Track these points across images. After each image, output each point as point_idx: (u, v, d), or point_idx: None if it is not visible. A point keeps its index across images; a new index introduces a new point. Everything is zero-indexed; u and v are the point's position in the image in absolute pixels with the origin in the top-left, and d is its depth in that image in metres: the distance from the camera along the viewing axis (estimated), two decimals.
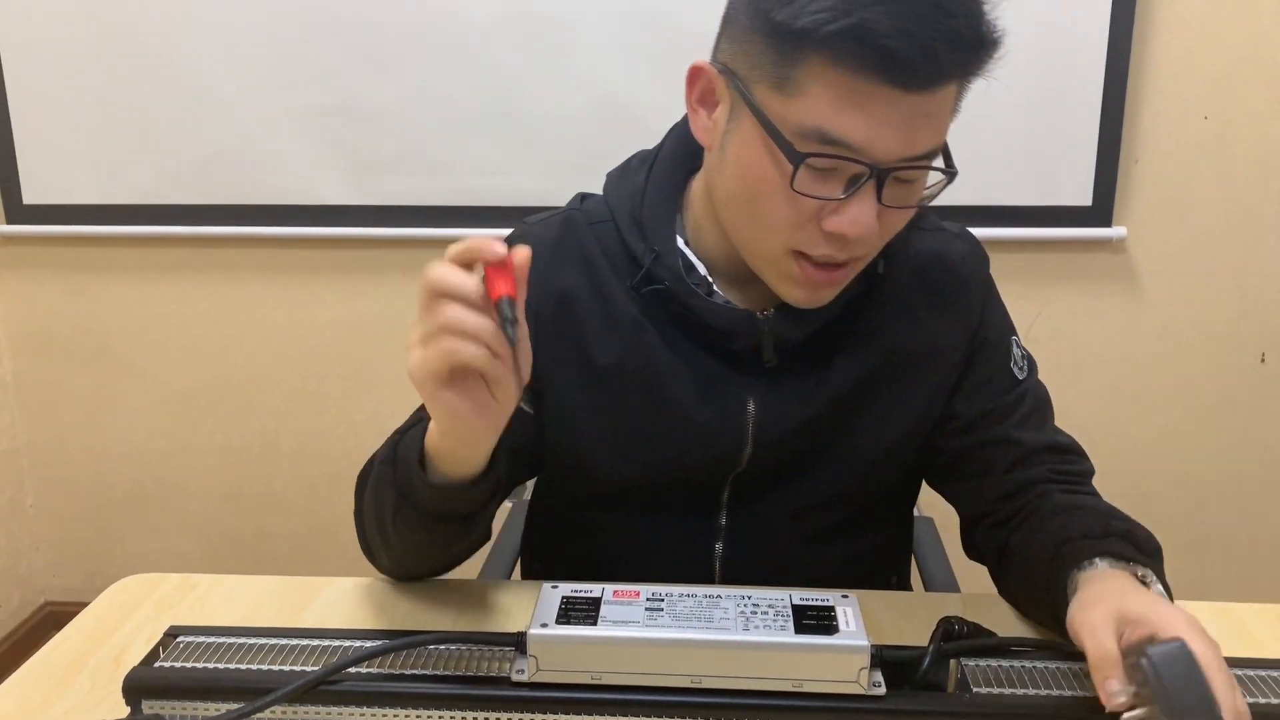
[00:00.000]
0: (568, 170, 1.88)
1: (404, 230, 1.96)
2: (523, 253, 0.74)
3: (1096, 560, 0.82)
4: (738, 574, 1.03)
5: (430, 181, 1.93)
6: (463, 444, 0.81)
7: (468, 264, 0.75)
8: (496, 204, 1.92)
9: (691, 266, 0.95)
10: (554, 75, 1.85)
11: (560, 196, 1.06)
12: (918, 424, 1.00)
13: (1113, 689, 0.69)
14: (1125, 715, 0.69)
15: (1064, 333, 1.94)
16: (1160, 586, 0.81)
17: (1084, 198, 1.87)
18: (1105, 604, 0.74)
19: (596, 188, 1.04)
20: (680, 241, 0.95)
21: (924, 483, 1.10)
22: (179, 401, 2.15)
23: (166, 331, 2.11)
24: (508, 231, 1.00)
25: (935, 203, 0.89)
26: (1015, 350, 1.01)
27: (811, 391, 0.96)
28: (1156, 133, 1.86)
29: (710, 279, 0.95)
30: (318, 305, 2.06)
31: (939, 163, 0.82)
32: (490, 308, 0.73)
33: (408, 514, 0.86)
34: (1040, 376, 1.04)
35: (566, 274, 0.97)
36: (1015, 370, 1.00)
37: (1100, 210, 1.87)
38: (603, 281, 0.97)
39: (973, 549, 1.04)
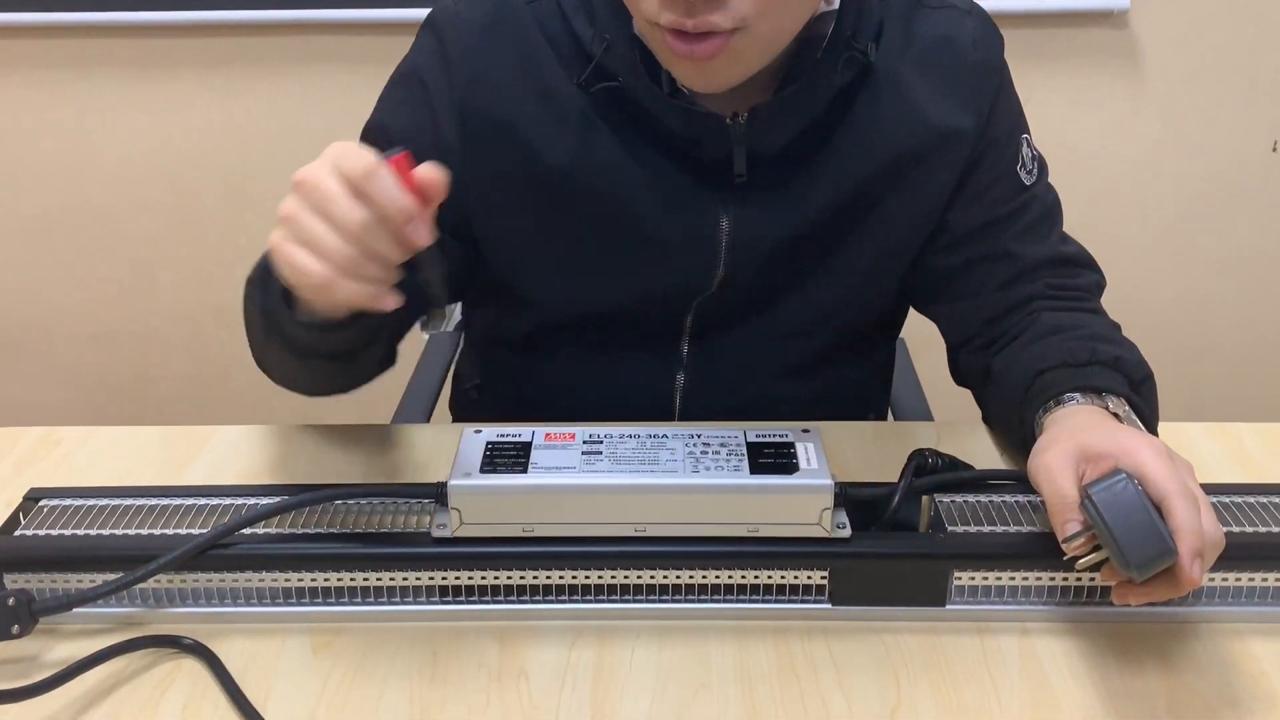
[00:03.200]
0: None
1: (283, 13, 1.86)
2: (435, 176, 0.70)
3: (1066, 397, 0.84)
4: (699, 410, 1.04)
5: None
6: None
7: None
8: None
9: (651, 57, 0.90)
10: None
11: None
12: (910, 236, 0.99)
13: (1068, 533, 0.72)
14: (1081, 561, 0.72)
15: (1055, 120, 1.93)
16: (1136, 418, 0.82)
17: None
18: (1064, 443, 0.76)
19: None
20: (636, 26, 0.89)
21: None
22: (32, 229, 2.08)
23: (8, 146, 2.02)
24: (407, 12, 0.95)
25: None
26: (1025, 151, 0.99)
27: (796, 204, 0.94)
28: None
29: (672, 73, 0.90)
30: (187, 107, 1.98)
31: None
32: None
33: (276, 344, 0.85)
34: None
35: (502, 67, 0.92)
36: (1022, 175, 0.98)
37: None
38: (547, 75, 0.92)
39: (957, 374, 1.05)
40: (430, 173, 0.70)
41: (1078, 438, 0.76)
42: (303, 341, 0.82)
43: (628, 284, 0.98)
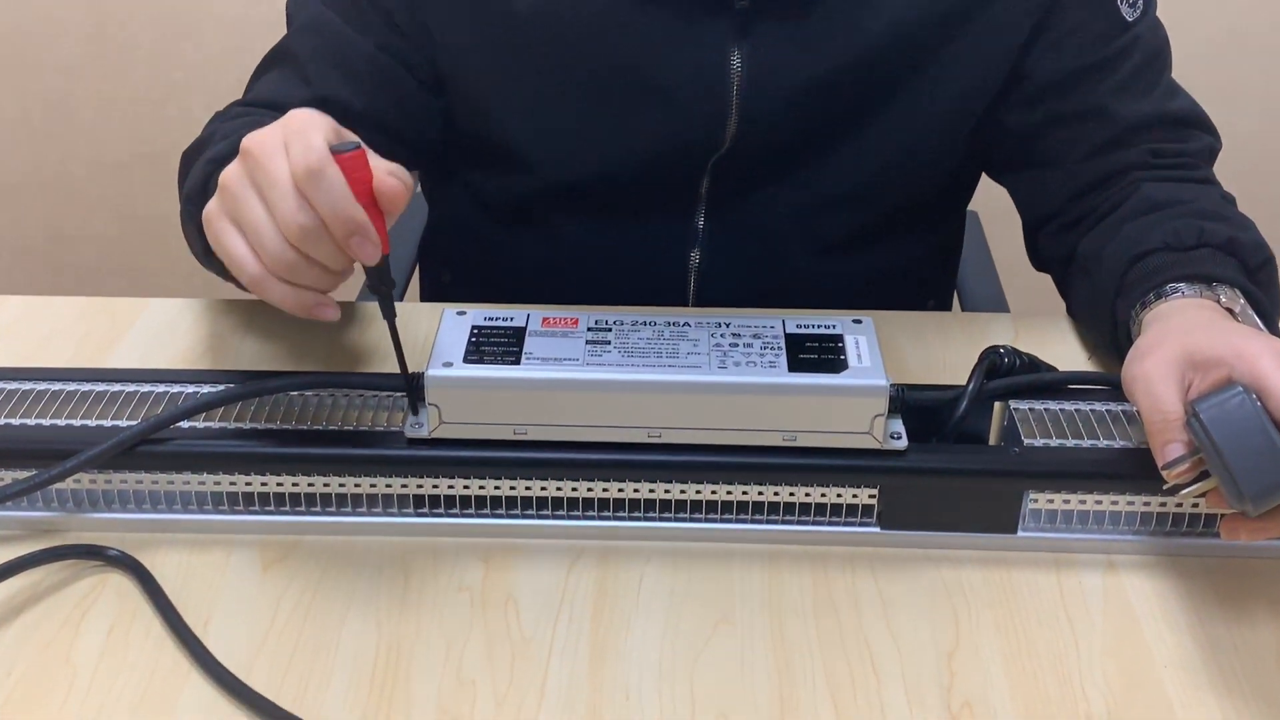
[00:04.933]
0: None
1: None
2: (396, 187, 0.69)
3: (1169, 289, 0.83)
4: (719, 295, 1.04)
5: None
6: None
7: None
8: None
9: None
10: None
11: None
12: (979, 86, 0.98)
13: (1170, 457, 0.71)
14: (1185, 490, 0.72)
15: None
16: (1253, 314, 0.82)
17: None
18: (1166, 347, 0.75)
19: None
20: None
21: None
22: None
23: None
24: None
25: None
26: None
27: (822, 40, 0.93)
28: None
29: None
30: None
31: None
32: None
33: (219, 269, 0.84)
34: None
35: None
36: (1124, 9, 0.96)
37: None
38: None
39: (1036, 257, 1.04)
40: (390, 182, 0.69)
41: (1183, 341, 0.75)
42: None
43: (626, 140, 0.98)
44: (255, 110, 0.93)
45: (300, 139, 0.68)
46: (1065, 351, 0.95)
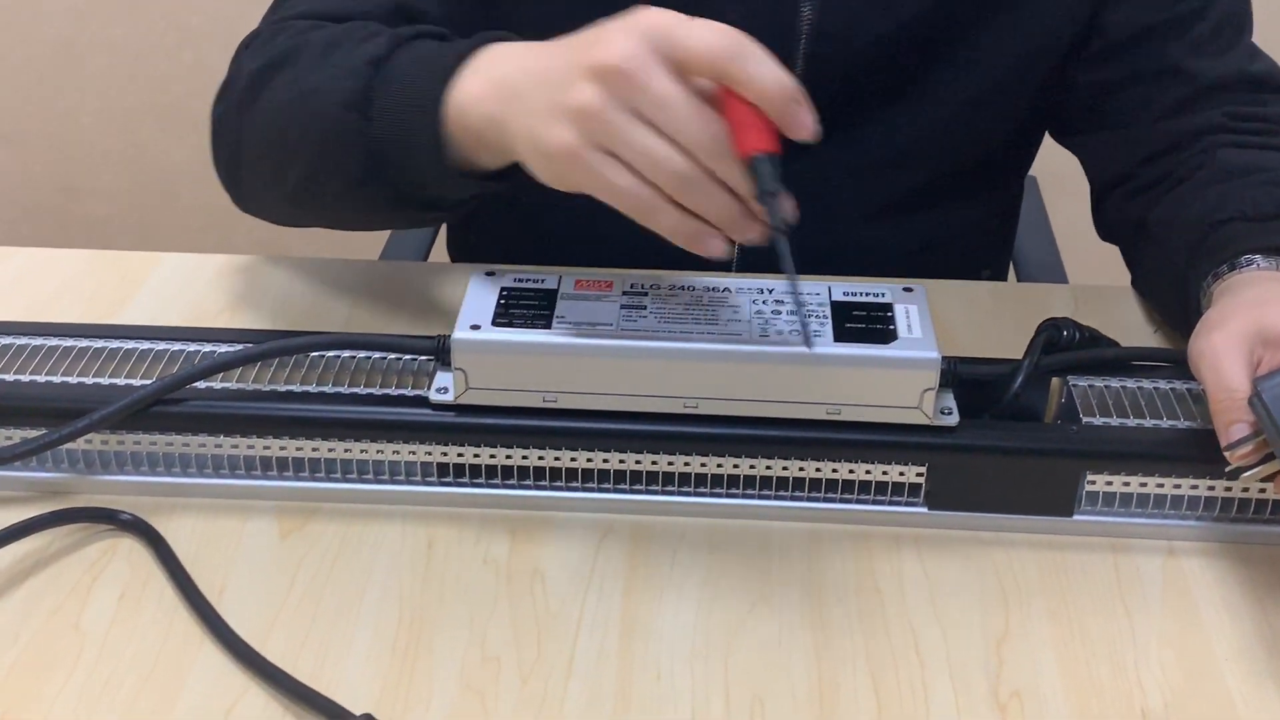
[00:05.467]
0: None
1: None
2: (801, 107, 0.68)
3: (1244, 260, 0.83)
4: (763, 260, 1.03)
5: None
6: None
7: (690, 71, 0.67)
8: None
9: None
10: None
11: None
12: (1049, 41, 0.98)
13: (1234, 438, 0.71)
14: (1247, 473, 0.71)
15: None
16: None
17: None
18: (1237, 321, 0.74)
19: None
20: None
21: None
22: None
23: None
24: None
25: None
26: None
27: None
28: None
29: None
30: None
31: None
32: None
33: (376, 191, 0.83)
34: None
35: None
36: None
37: None
38: None
39: (1102, 225, 1.04)
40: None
41: (1255, 314, 0.75)
42: (435, 191, 0.83)
43: None
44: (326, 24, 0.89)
45: (684, 27, 0.66)
46: (1129, 325, 0.95)
